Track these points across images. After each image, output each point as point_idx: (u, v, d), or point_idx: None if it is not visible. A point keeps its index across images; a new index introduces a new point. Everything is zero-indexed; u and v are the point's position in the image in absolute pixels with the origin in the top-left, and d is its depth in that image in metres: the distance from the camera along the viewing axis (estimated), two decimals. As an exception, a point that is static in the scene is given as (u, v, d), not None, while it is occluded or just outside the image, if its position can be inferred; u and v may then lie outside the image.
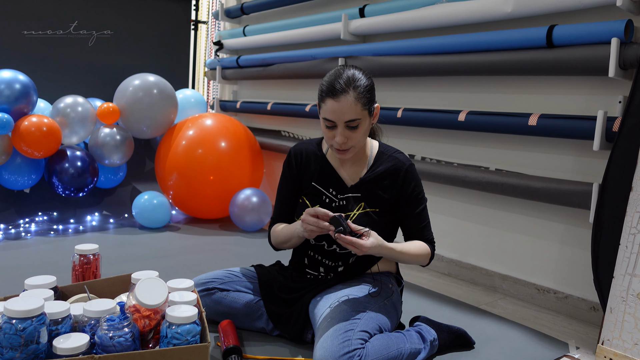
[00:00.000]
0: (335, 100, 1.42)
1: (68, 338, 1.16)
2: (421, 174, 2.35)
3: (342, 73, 1.44)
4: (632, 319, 1.49)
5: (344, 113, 1.42)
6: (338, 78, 1.43)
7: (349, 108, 1.41)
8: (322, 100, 1.45)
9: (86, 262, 1.71)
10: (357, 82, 1.43)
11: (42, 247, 2.52)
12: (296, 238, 1.55)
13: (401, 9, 2.50)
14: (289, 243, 1.60)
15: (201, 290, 1.62)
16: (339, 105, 1.42)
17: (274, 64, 3.31)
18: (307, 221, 1.42)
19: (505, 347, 1.66)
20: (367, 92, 1.44)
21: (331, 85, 1.43)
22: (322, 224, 1.40)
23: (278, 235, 1.63)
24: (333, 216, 1.38)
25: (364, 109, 1.44)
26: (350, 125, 1.44)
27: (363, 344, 1.31)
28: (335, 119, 1.43)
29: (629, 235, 1.52)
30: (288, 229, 1.58)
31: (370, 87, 1.47)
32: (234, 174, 3.05)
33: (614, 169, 1.65)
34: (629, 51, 1.72)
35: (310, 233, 1.44)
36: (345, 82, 1.42)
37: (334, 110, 1.42)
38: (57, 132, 2.72)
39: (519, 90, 2.17)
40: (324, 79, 1.47)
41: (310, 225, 1.41)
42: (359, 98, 1.42)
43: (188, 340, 1.24)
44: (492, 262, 2.31)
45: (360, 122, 1.45)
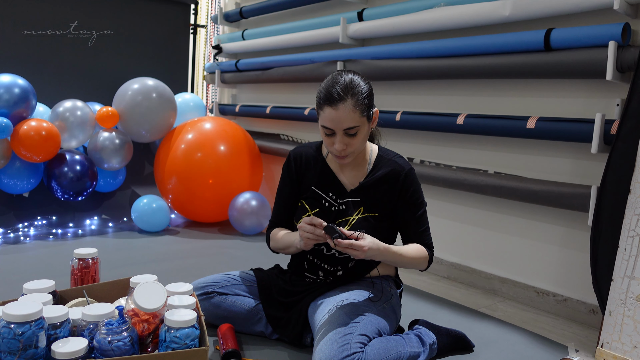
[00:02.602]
0: (333, 108, 1.40)
1: (67, 342, 1.16)
2: (420, 177, 2.36)
3: (340, 79, 1.42)
4: (632, 321, 1.49)
5: (343, 121, 1.40)
6: (335, 85, 1.41)
7: (347, 116, 1.40)
8: (320, 108, 1.44)
9: (85, 266, 1.71)
10: (355, 89, 1.41)
11: (41, 251, 2.52)
12: (294, 248, 1.56)
13: (399, 12, 2.51)
14: (286, 250, 1.61)
15: (200, 294, 1.62)
16: (337, 113, 1.40)
17: (272, 67, 3.32)
18: (303, 229, 1.42)
19: (505, 350, 1.66)
20: (365, 98, 1.43)
21: (329, 92, 1.41)
22: (319, 231, 1.40)
23: (277, 241, 1.63)
24: (327, 225, 1.38)
25: (363, 116, 1.43)
26: (349, 133, 1.43)
27: (362, 348, 1.31)
28: (334, 127, 1.42)
29: (627, 237, 1.52)
30: (287, 238, 1.58)
31: (369, 92, 1.45)
32: (233, 177, 3.05)
33: (612, 171, 1.65)
34: (626, 54, 1.73)
35: (306, 241, 1.44)
36: (343, 90, 1.40)
37: (332, 118, 1.41)
38: (56, 136, 2.72)
39: (517, 93, 2.18)
40: (321, 85, 1.45)
41: (307, 233, 1.41)
42: (357, 105, 1.41)
43: (187, 344, 1.23)
44: (491, 265, 2.31)
45: (359, 128, 1.44)
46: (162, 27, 3.80)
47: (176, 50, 3.90)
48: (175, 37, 3.89)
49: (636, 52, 1.70)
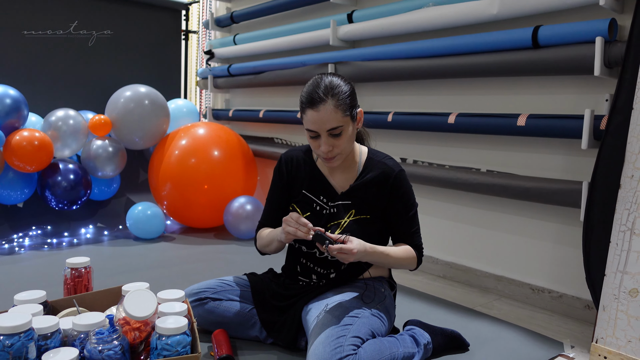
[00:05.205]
0: (314, 110, 1.42)
1: (57, 353, 1.15)
2: (413, 177, 2.36)
3: (320, 82, 1.44)
4: (625, 316, 1.49)
5: (325, 122, 1.42)
6: (316, 88, 1.43)
7: (329, 117, 1.41)
8: (303, 112, 1.45)
9: (77, 276, 1.70)
10: (336, 90, 1.43)
11: (35, 262, 2.51)
12: (276, 242, 1.56)
13: (389, 13, 2.51)
14: (270, 247, 1.60)
15: (193, 300, 1.62)
16: (319, 115, 1.41)
17: (264, 71, 3.32)
18: (288, 222, 1.43)
19: (500, 348, 1.66)
20: (346, 98, 1.44)
21: (309, 95, 1.43)
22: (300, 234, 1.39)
23: (262, 239, 1.64)
24: (315, 234, 1.38)
25: (345, 115, 1.44)
26: (333, 134, 1.44)
27: (355, 350, 1.31)
28: (317, 129, 1.43)
29: (619, 232, 1.52)
30: (271, 234, 1.59)
31: (350, 92, 1.46)
32: (227, 182, 3.05)
33: (603, 166, 1.65)
34: (613, 50, 1.73)
35: (287, 235, 1.44)
36: (324, 91, 1.42)
37: (314, 120, 1.42)
38: (49, 146, 2.72)
39: (507, 91, 2.18)
40: (303, 89, 1.47)
41: (289, 227, 1.42)
42: (338, 105, 1.42)
43: (178, 352, 1.23)
44: (486, 263, 2.31)
45: (343, 128, 1.44)
46: (154, 33, 3.80)
47: (168, 56, 3.90)
48: (167, 43, 3.89)
49: (623, 47, 1.70)
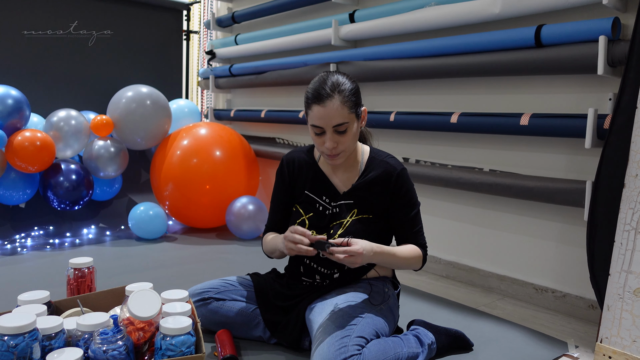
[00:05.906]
0: (321, 106, 1.42)
1: (62, 353, 1.15)
2: (416, 176, 2.35)
3: (327, 79, 1.45)
4: (630, 315, 1.48)
5: (331, 118, 1.42)
6: (323, 84, 1.44)
7: (336, 112, 1.42)
8: (309, 107, 1.46)
9: (81, 276, 1.70)
10: (342, 87, 1.43)
11: (38, 262, 2.51)
12: (278, 252, 1.55)
13: (391, 13, 2.51)
14: (274, 254, 1.60)
15: (197, 301, 1.61)
16: (326, 110, 1.42)
17: (266, 71, 3.32)
18: (289, 238, 1.41)
19: (504, 347, 1.66)
20: (352, 95, 1.45)
21: (316, 91, 1.44)
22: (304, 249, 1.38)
23: (267, 244, 1.64)
24: (314, 242, 1.38)
25: (351, 112, 1.45)
26: (338, 130, 1.44)
27: (360, 350, 1.30)
28: (323, 125, 1.44)
29: (623, 232, 1.51)
30: (273, 241, 1.59)
31: (355, 90, 1.47)
32: (229, 182, 3.05)
33: (606, 166, 1.65)
34: (616, 48, 1.73)
35: (289, 251, 1.43)
36: (330, 88, 1.43)
37: (320, 116, 1.43)
38: (50, 146, 2.72)
39: (509, 90, 2.18)
40: (309, 86, 1.48)
41: (290, 243, 1.40)
42: (344, 102, 1.43)
43: (183, 352, 1.23)
44: (489, 263, 2.31)
45: (348, 125, 1.45)
46: (155, 34, 3.80)
47: (170, 57, 3.91)
48: (169, 44, 3.89)
49: (626, 46, 1.69)
